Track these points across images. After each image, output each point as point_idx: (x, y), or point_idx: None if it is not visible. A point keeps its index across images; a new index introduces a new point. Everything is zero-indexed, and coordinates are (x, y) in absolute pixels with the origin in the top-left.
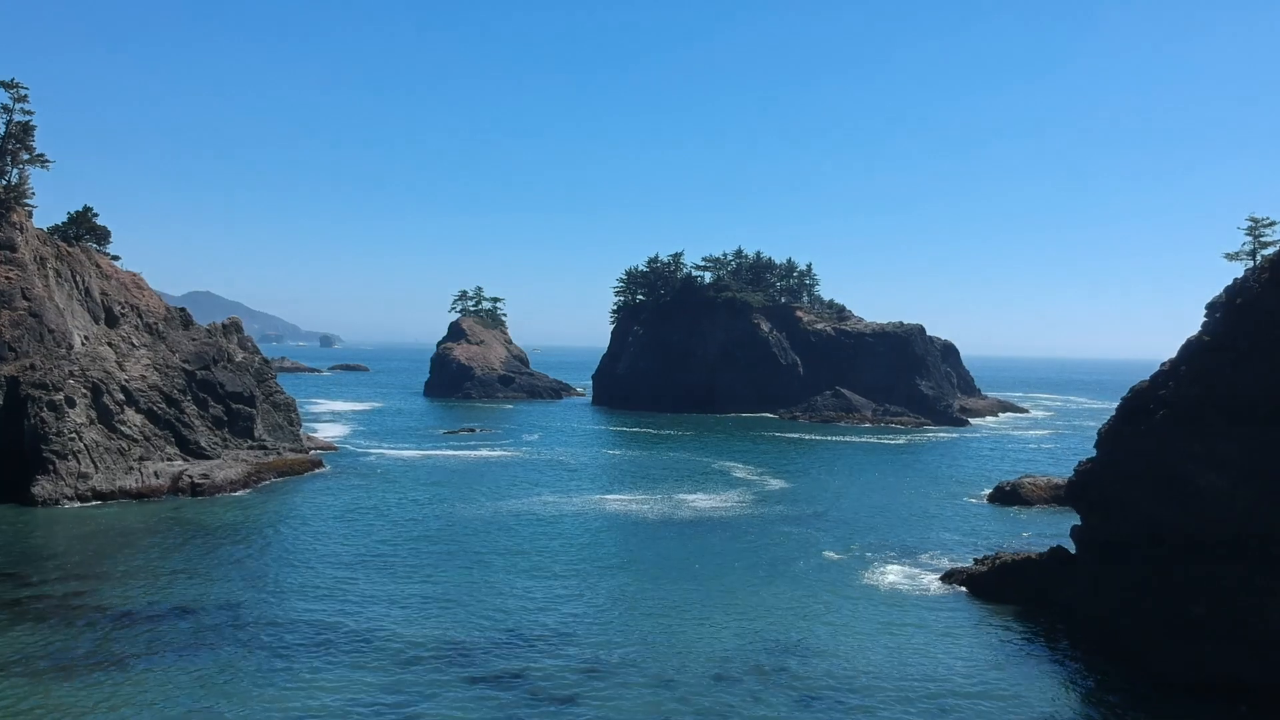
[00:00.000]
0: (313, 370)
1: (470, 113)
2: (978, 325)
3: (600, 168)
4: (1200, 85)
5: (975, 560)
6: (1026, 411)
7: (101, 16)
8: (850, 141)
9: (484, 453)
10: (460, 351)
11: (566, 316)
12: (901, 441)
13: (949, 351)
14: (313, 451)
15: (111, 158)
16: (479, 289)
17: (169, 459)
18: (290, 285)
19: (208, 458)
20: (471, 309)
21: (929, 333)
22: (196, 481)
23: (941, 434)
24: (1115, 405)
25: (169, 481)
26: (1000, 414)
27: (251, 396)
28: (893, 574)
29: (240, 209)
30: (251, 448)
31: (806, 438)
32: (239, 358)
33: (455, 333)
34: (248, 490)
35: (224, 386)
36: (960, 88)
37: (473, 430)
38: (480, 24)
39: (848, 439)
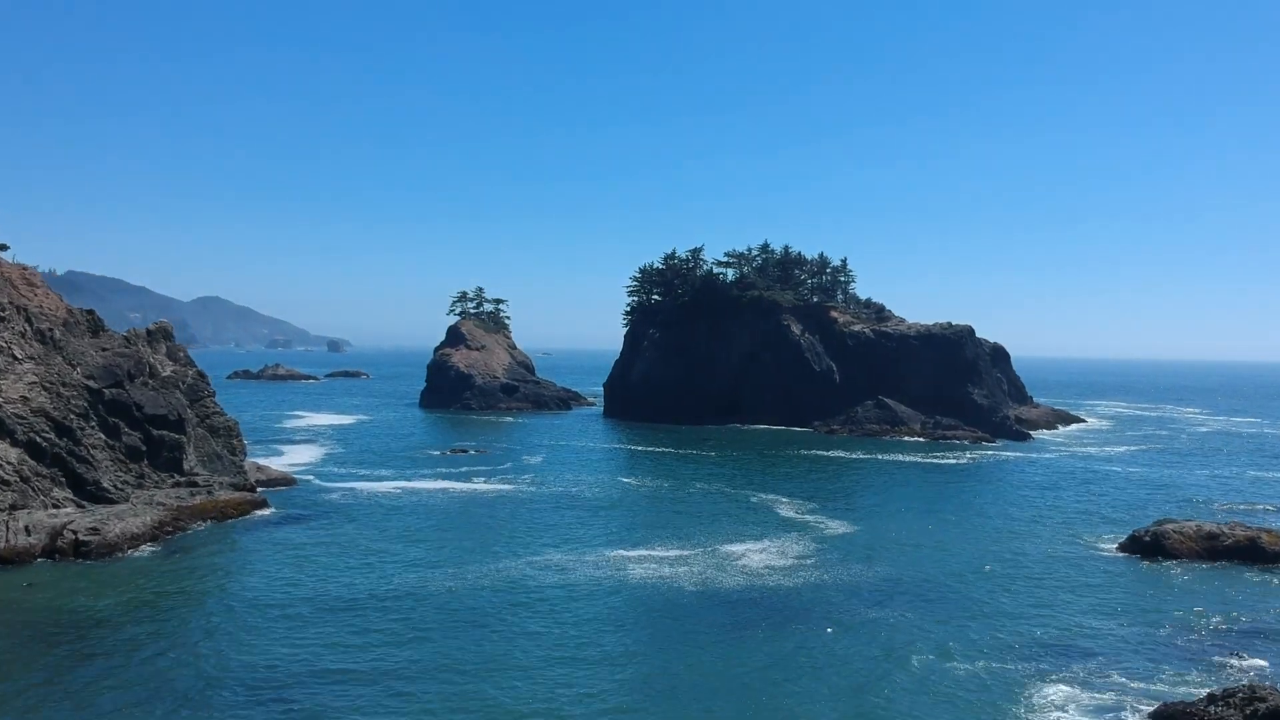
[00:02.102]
0: (307, 378)
1: (477, 108)
2: (991, 325)
3: (613, 159)
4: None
5: (1211, 697)
6: (1084, 421)
7: (105, 19)
8: (870, 134)
9: (476, 484)
10: (459, 358)
11: (579, 318)
12: (964, 461)
13: (999, 355)
14: (261, 488)
15: (117, 162)
16: (480, 289)
17: (55, 506)
18: (301, 289)
19: (111, 502)
20: (472, 311)
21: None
22: (83, 538)
23: (1006, 452)
24: (1176, 412)
25: (46, 538)
26: (1058, 425)
27: (180, 420)
28: (1068, 706)
29: (250, 213)
30: (178, 484)
31: (852, 456)
32: (167, 371)
33: (454, 337)
34: (153, 547)
35: (142, 408)
36: (982, 80)
37: (465, 451)
38: (484, 17)
39: (900, 458)
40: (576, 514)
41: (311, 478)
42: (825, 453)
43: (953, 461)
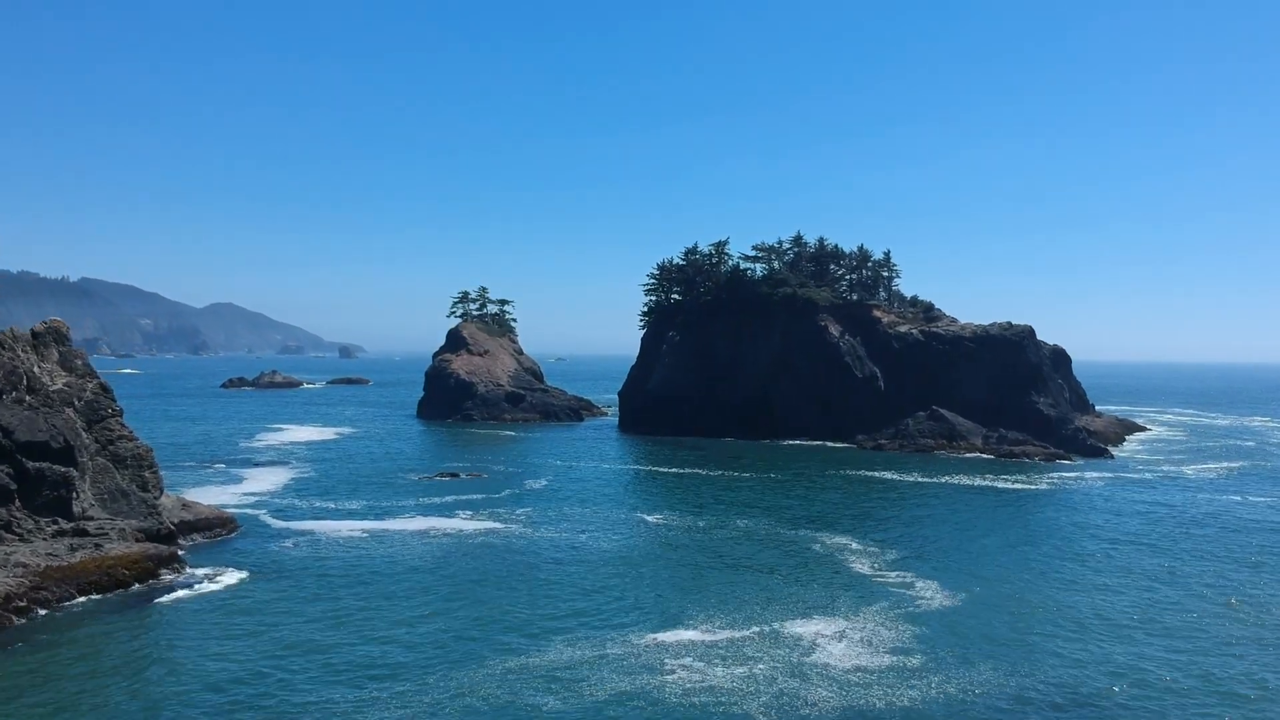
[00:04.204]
0: (302, 384)
1: (494, 113)
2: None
3: (636, 162)
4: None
5: None
6: (1148, 430)
7: (115, 26)
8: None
9: (463, 522)
10: (459, 364)
11: (597, 321)
12: (1045, 486)
13: (1059, 358)
14: (187, 534)
15: (130, 169)
16: (483, 289)
17: None
18: (316, 295)
19: None
20: (474, 313)
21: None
22: None
23: (1089, 473)
24: (1242, 420)
25: None
26: (1127, 436)
27: (69, 448)
28: None
29: (264, 219)
30: (61, 533)
31: (909, 479)
32: (57, 384)
33: (454, 341)
34: None
35: (12, 433)
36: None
37: (457, 475)
38: (502, 22)
39: (968, 481)
40: (588, 571)
41: (262, 513)
42: (877, 474)
43: (1032, 487)
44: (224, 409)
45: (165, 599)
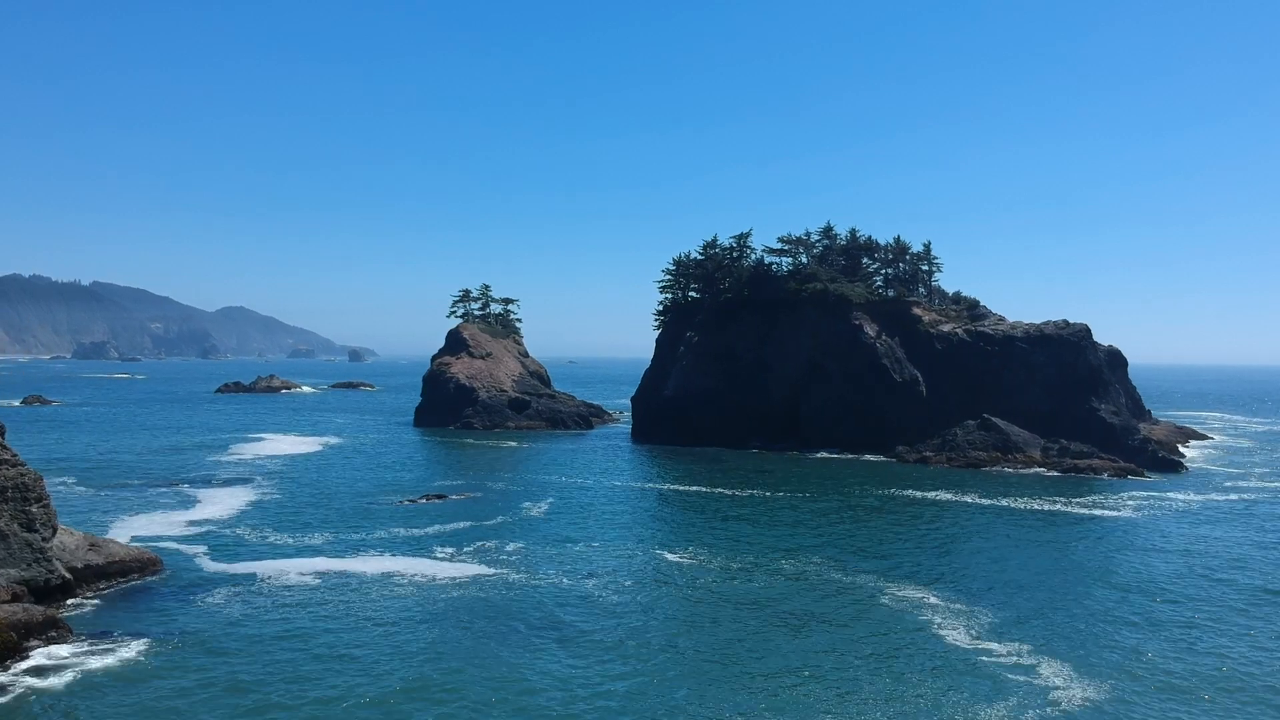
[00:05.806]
0: (301, 388)
1: (509, 116)
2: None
3: (646, 152)
4: None
5: None
6: (1209, 438)
7: (128, 32)
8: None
9: (440, 562)
10: (459, 368)
11: (614, 323)
12: (1129, 511)
13: (1115, 361)
14: (91, 583)
15: (142, 174)
16: (485, 288)
17: None
18: (328, 298)
19: None
20: (476, 313)
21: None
22: None
23: (1173, 493)
24: None
25: None
26: (1190, 445)
27: None
28: None
29: (276, 222)
30: None
31: (969, 500)
32: None
33: (454, 343)
34: None
35: None
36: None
37: (444, 497)
38: (519, 25)
39: (1036, 504)
40: (590, 648)
41: (199, 550)
42: (928, 493)
43: (1115, 513)
44: (209, 416)
45: (11, 694)
